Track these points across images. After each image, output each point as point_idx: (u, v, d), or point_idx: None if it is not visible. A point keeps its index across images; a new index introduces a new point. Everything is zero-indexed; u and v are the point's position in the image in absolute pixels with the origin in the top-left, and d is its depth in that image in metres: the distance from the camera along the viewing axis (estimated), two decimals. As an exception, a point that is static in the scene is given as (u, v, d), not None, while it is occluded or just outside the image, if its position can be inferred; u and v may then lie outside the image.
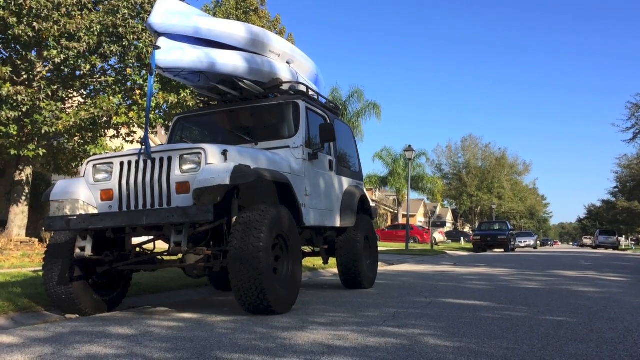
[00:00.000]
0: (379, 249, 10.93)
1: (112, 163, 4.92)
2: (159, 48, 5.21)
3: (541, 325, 4.31)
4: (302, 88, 6.64)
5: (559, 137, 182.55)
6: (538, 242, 53.10)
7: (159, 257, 5.35)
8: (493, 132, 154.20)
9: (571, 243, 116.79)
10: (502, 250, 28.78)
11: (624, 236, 66.04)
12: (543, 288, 7.53)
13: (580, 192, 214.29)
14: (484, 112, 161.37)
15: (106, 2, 11.79)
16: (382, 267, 11.86)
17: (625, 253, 33.43)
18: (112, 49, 11.55)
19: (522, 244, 40.25)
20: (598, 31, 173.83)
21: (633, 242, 63.42)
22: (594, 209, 75.29)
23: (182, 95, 12.52)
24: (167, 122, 13.06)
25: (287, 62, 6.90)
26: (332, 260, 7.49)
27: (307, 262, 10.10)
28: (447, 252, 24.67)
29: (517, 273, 10.76)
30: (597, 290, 7.25)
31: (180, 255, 5.13)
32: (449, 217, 72.89)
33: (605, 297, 6.45)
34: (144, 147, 4.79)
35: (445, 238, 46.12)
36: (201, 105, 7.08)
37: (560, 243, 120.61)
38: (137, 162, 4.80)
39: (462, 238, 47.29)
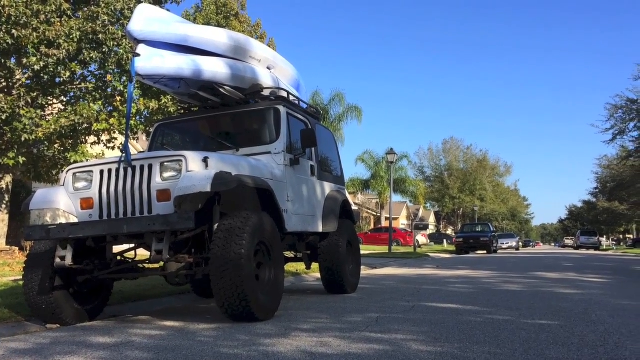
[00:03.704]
0: (362, 252, 10.95)
1: (92, 171, 4.88)
2: (138, 55, 5.18)
3: (523, 328, 4.35)
4: (283, 94, 6.63)
5: (539, 137, 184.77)
6: (520, 244, 53.54)
7: (140, 265, 5.31)
8: (475, 132, 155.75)
9: (553, 244, 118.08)
10: (485, 252, 28.98)
11: (605, 236, 67.00)
12: (525, 290, 7.61)
13: (561, 193, 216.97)
14: (465, 113, 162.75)
15: (86, 9, 11.69)
16: (365, 271, 11.89)
17: (606, 253, 33.91)
18: (92, 55, 11.43)
19: (505, 246, 40.55)
20: (580, 27, 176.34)
21: (614, 243, 64.38)
22: (575, 209, 76.43)
23: (163, 102, 12.44)
24: (148, 128, 12.96)
25: (268, 68, 6.90)
26: (316, 265, 7.50)
27: (291, 267, 10.09)
28: (430, 254, 24.80)
29: (499, 275, 10.85)
30: (579, 292, 7.34)
31: (161, 263, 5.09)
32: (431, 220, 73.29)
33: (587, 298, 6.54)
34: (124, 154, 4.76)
35: (428, 240, 46.36)
36: (182, 112, 7.05)
37: (542, 244, 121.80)
38: (118, 170, 4.77)
39: (444, 240, 47.60)
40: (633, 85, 41.81)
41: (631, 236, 63.69)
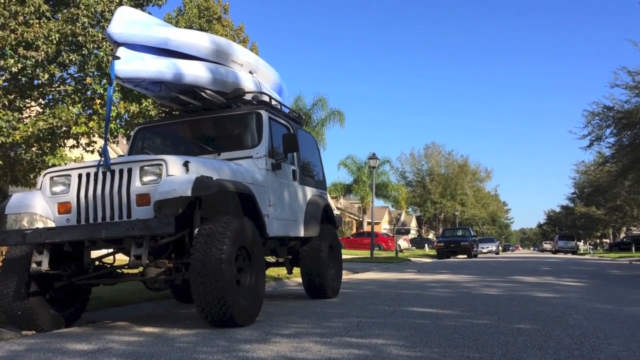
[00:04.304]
0: (344, 257, 10.94)
1: (70, 175, 4.82)
2: (118, 58, 5.13)
3: (501, 332, 4.39)
4: (265, 98, 6.63)
5: (518, 140, 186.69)
6: (500, 248, 54.14)
7: (118, 271, 5.26)
8: (456, 135, 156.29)
9: (532, 248, 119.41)
10: (465, 256, 29.21)
11: (582, 241, 67.97)
12: (504, 294, 7.68)
13: (540, 198, 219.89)
14: (447, 115, 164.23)
15: (65, 11, 11.53)
16: (346, 276, 11.90)
17: (583, 257, 34.41)
18: (71, 57, 11.28)
19: (485, 250, 40.95)
20: (564, 29, 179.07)
21: (591, 247, 65.30)
22: (554, 214, 77.40)
23: (144, 105, 12.32)
24: (128, 132, 12.81)
25: (250, 72, 6.89)
26: (297, 270, 7.48)
27: (272, 271, 10.06)
28: (412, 259, 24.91)
29: (479, 279, 10.94)
30: (556, 296, 7.43)
31: (141, 269, 5.03)
32: (413, 224, 73.63)
33: (564, 302, 6.62)
34: (103, 158, 4.71)
35: (410, 245, 46.57)
36: (163, 115, 7.00)
37: (521, 248, 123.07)
38: (96, 174, 4.72)
39: (426, 245, 47.83)
40: (609, 92, 42.52)
41: (608, 240, 64.67)
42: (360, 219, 51.15)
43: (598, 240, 71.18)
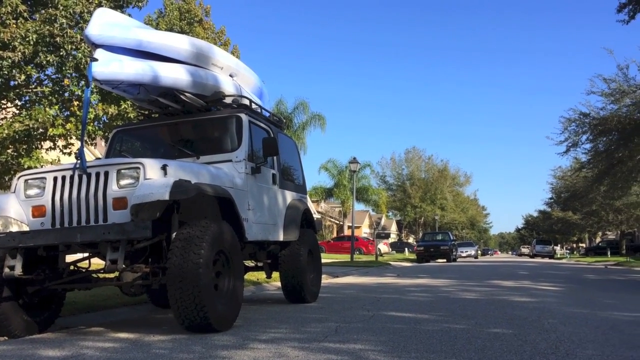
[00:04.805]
0: (324, 261, 10.93)
1: (45, 178, 4.74)
2: (96, 60, 5.08)
3: (478, 337, 4.42)
4: (246, 101, 6.60)
5: (497, 146, 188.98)
6: (479, 252, 54.59)
7: (94, 275, 5.18)
8: (436, 138, 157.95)
9: (510, 252, 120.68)
10: (445, 260, 29.40)
11: (559, 245, 68.94)
12: (482, 299, 7.74)
13: (518, 203, 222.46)
14: (428, 119, 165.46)
15: (43, 11, 11.37)
16: (326, 280, 11.89)
17: (560, 262, 34.88)
18: (48, 58, 11.12)
19: (464, 254, 41.26)
20: (542, 30, 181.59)
21: (568, 251, 66.24)
22: (531, 219, 78.27)
23: (122, 107, 12.19)
24: (106, 134, 12.67)
25: (231, 76, 6.86)
26: (277, 274, 7.45)
27: (252, 276, 10.01)
28: (392, 263, 25.00)
29: (457, 284, 11.02)
30: (533, 300, 7.51)
31: (117, 273, 4.97)
32: (393, 228, 73.95)
33: (540, 307, 6.70)
34: (79, 161, 4.64)
35: (390, 249, 46.73)
36: (142, 118, 6.93)
37: (499, 252, 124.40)
38: (72, 177, 4.65)
39: (406, 249, 48.09)
40: (586, 99, 43.31)
41: (584, 245, 65.68)
42: (341, 223, 51.24)
43: (574, 245, 72.23)
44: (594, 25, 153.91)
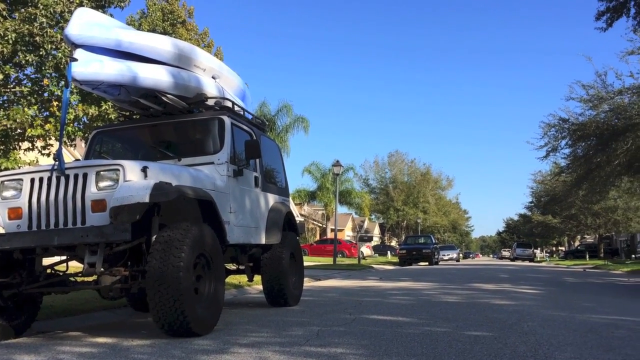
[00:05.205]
0: (307, 264, 10.92)
1: (21, 179, 4.66)
2: (75, 60, 5.01)
3: (459, 340, 4.44)
4: (228, 104, 6.56)
5: (479, 150, 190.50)
6: (460, 255, 55.07)
7: (72, 279, 5.09)
8: (419, 142, 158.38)
9: (491, 255, 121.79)
10: (427, 263, 29.55)
11: (539, 248, 69.74)
12: (463, 302, 7.79)
13: (499, 207, 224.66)
14: (410, 120, 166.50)
15: (23, 10, 11.20)
16: (308, 283, 11.87)
17: (540, 265, 35.29)
18: (27, 58, 10.95)
19: (446, 257, 41.57)
20: (526, 29, 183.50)
21: (547, 254, 67.04)
22: (512, 222, 79.15)
23: (103, 108, 12.05)
24: (87, 135, 12.51)
25: (213, 78, 6.82)
26: (259, 277, 7.42)
27: (233, 279, 9.95)
28: (374, 266, 25.04)
29: (439, 287, 11.07)
30: (513, 303, 7.58)
31: (95, 276, 4.89)
32: (376, 231, 74.17)
33: (520, 310, 6.75)
34: (57, 162, 4.57)
35: (373, 252, 46.84)
36: (123, 119, 6.85)
37: (481, 255, 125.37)
38: (50, 179, 4.58)
39: (388, 252, 48.20)
40: (565, 105, 43.95)
41: (563, 248, 66.57)
42: (324, 226, 51.22)
43: (554, 248, 73.16)
44: (581, 21, 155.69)
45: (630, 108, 20.37)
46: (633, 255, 40.03)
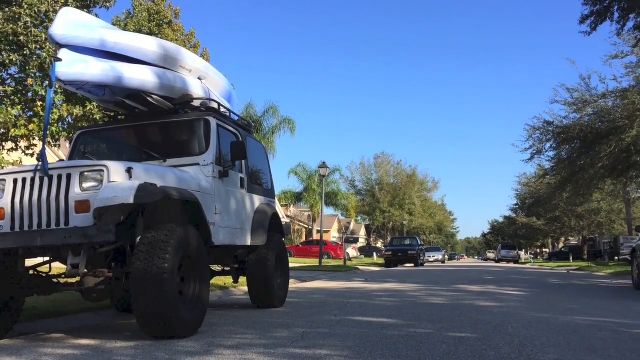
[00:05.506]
0: (293, 265, 10.91)
1: (4, 180, 4.61)
2: (60, 60, 4.97)
3: (444, 341, 4.46)
4: (214, 105, 6.55)
5: (465, 149, 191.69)
6: (446, 257, 55.31)
7: (55, 280, 5.04)
8: (405, 143, 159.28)
9: (476, 257, 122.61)
10: (413, 265, 29.65)
11: (523, 250, 70.35)
12: (448, 303, 7.83)
13: (484, 209, 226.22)
14: (396, 120, 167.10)
15: (7, 9, 11.09)
16: (294, 284, 11.85)
17: (524, 267, 35.58)
18: (11, 57, 10.84)
19: (431, 259, 41.73)
20: (512, 29, 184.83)
21: (532, 256, 67.63)
22: (497, 224, 79.70)
23: (88, 108, 11.96)
24: (71, 135, 12.40)
25: (199, 79, 6.79)
26: (244, 279, 7.40)
27: (219, 280, 9.91)
28: (360, 267, 25.09)
29: (424, 288, 11.12)
30: (497, 305, 7.63)
31: (78, 278, 4.85)
32: (362, 233, 74.25)
33: (504, 311, 6.81)
34: (40, 162, 4.52)
35: (359, 253, 46.92)
36: (107, 120, 6.80)
37: (466, 257, 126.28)
38: (33, 179, 4.53)
39: (374, 253, 48.35)
40: (549, 108, 44.41)
41: (547, 250, 67.18)
42: (310, 227, 51.20)
43: (538, 250, 73.81)
44: (570, 18, 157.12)
45: (613, 111, 20.66)
46: (616, 257, 40.50)
